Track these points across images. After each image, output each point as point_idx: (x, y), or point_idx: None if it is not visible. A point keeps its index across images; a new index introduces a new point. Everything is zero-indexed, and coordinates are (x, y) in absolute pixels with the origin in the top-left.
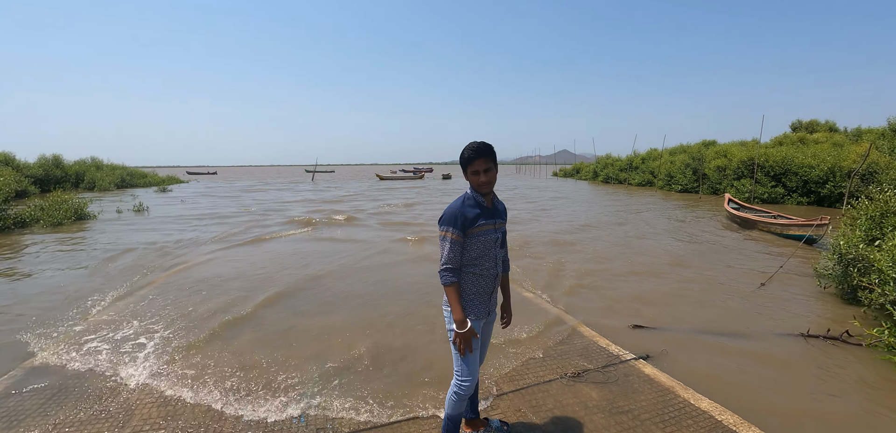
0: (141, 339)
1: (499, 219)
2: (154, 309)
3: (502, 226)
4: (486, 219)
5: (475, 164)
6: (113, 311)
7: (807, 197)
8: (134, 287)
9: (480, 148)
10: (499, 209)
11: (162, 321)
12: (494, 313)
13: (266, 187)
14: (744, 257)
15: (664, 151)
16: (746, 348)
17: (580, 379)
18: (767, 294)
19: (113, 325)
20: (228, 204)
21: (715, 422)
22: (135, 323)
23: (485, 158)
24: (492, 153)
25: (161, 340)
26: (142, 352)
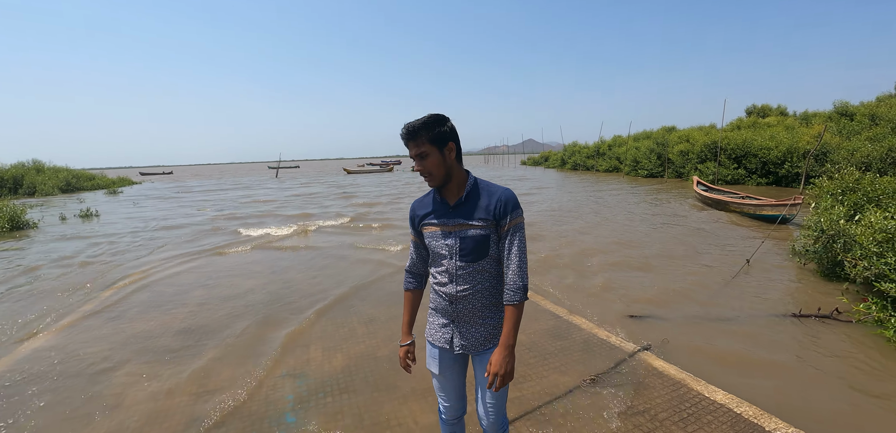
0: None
1: (458, 219)
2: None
3: (463, 228)
4: (436, 217)
5: (409, 150)
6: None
7: (766, 178)
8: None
9: (406, 130)
10: (471, 203)
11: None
12: (486, 354)
13: (227, 187)
14: (721, 239)
15: (628, 138)
16: (743, 331)
17: (597, 383)
18: (751, 274)
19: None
20: (184, 206)
21: (734, 415)
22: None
23: (414, 142)
24: (422, 133)
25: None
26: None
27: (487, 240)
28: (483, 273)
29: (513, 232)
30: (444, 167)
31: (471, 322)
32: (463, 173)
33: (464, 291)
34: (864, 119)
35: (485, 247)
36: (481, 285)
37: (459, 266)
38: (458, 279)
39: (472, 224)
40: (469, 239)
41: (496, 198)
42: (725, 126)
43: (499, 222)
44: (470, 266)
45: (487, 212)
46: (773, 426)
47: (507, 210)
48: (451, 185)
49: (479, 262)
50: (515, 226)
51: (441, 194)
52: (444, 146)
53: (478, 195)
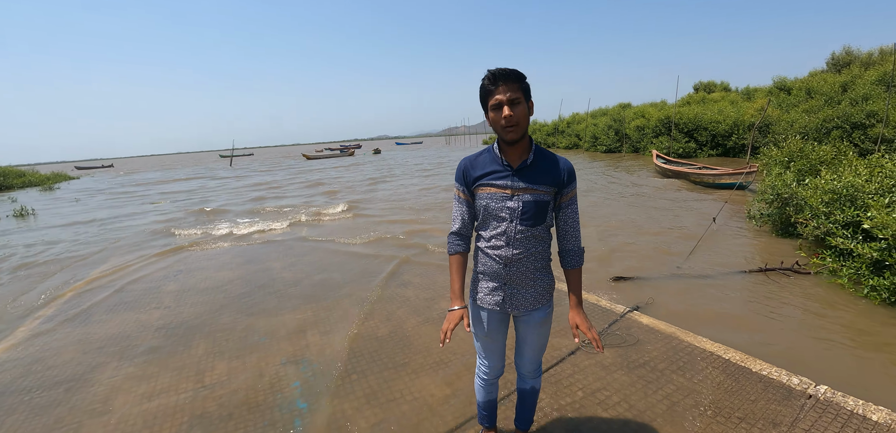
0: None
1: (522, 180)
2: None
3: (527, 192)
4: (499, 178)
5: (495, 94)
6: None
7: (715, 149)
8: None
9: (502, 72)
10: (538, 169)
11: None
12: (541, 311)
13: (178, 178)
14: (684, 205)
15: (587, 115)
16: (718, 286)
17: (591, 344)
18: (716, 236)
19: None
20: (134, 201)
21: (723, 361)
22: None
23: (509, 85)
24: (518, 80)
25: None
26: None
27: (548, 207)
28: (537, 238)
29: (573, 200)
30: (527, 121)
31: (522, 284)
32: (529, 136)
33: (518, 255)
34: (800, 93)
35: (544, 212)
36: (535, 249)
37: (519, 229)
38: (515, 243)
39: (539, 189)
40: (532, 203)
41: (561, 166)
42: (677, 102)
43: (561, 191)
44: (528, 230)
45: (553, 179)
46: (758, 367)
47: (571, 179)
48: (522, 143)
49: (536, 228)
50: (575, 195)
51: (504, 154)
52: (529, 101)
53: (544, 159)
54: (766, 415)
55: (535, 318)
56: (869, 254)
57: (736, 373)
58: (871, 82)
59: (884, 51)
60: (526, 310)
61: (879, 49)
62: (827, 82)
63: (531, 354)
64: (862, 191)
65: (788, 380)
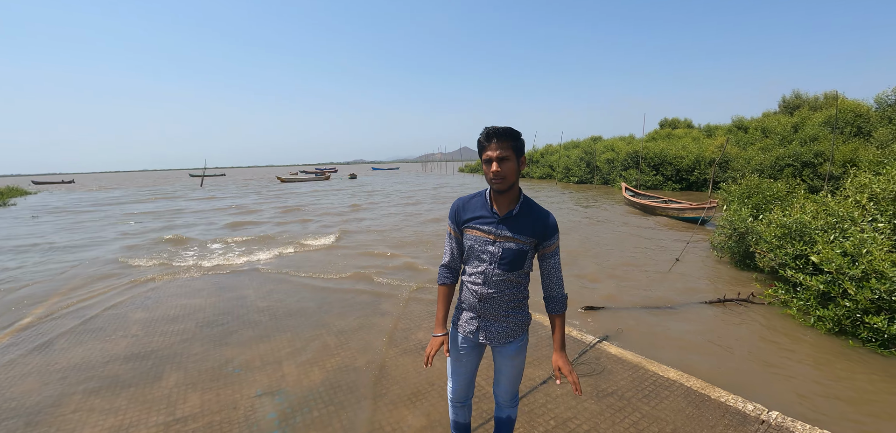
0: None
1: (505, 229)
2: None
3: (509, 242)
4: (485, 223)
5: (487, 149)
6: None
7: (679, 183)
8: None
9: (494, 131)
10: (521, 220)
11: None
12: (514, 345)
13: (145, 198)
14: (651, 237)
15: (559, 146)
16: (682, 317)
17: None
18: (681, 268)
19: None
20: (97, 222)
21: (686, 388)
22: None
23: (500, 143)
24: (510, 138)
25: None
26: None
27: (526, 255)
28: (512, 282)
29: (555, 252)
30: (516, 176)
31: (495, 319)
32: (518, 188)
33: (492, 294)
34: (756, 132)
35: (522, 260)
36: (509, 291)
37: (497, 272)
38: (491, 283)
39: (520, 238)
40: (512, 251)
41: (544, 221)
42: (643, 137)
43: (542, 243)
44: (505, 274)
45: (534, 231)
46: (716, 395)
47: (550, 234)
48: (510, 195)
49: (513, 272)
50: (557, 247)
51: (493, 202)
52: (520, 157)
53: (530, 212)
54: None
55: (508, 351)
56: (816, 286)
57: (697, 401)
58: (818, 124)
59: (827, 95)
60: (499, 343)
61: (824, 94)
62: (780, 123)
63: (506, 385)
64: (809, 227)
65: (744, 407)
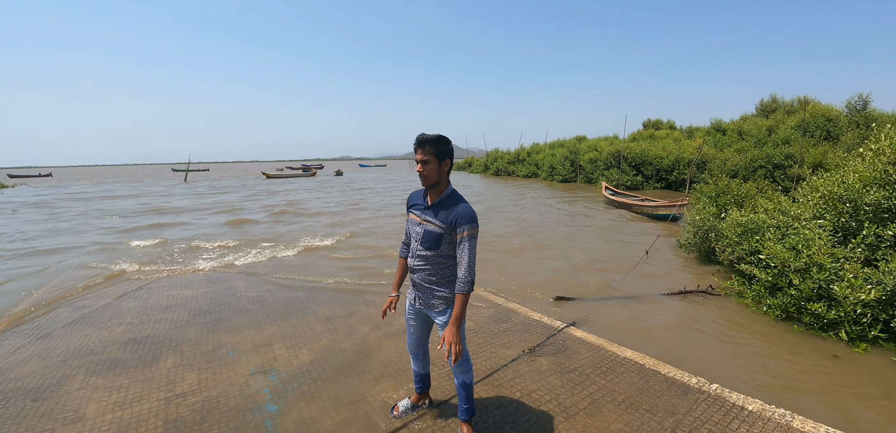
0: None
1: (428, 215)
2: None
3: (428, 224)
4: (418, 209)
5: (416, 154)
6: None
7: (659, 183)
8: None
9: (420, 140)
10: (439, 209)
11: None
12: (444, 315)
13: (126, 192)
14: (625, 234)
15: (545, 146)
16: (644, 306)
17: (535, 352)
18: (650, 262)
19: None
20: (81, 216)
21: (639, 366)
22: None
23: (422, 149)
24: (430, 146)
25: None
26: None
27: (441, 238)
28: (434, 260)
29: (464, 240)
30: (437, 175)
31: (423, 290)
32: (446, 184)
33: (419, 266)
34: (733, 134)
35: (438, 242)
36: (432, 266)
37: (419, 249)
38: (416, 258)
39: (435, 223)
40: (429, 233)
41: (455, 212)
42: (626, 138)
43: (454, 230)
44: (426, 252)
45: (446, 219)
46: (666, 370)
47: (460, 223)
48: (437, 189)
49: (432, 251)
50: (467, 236)
51: (427, 193)
52: (443, 161)
53: (447, 204)
54: (667, 407)
55: (441, 320)
56: (766, 278)
57: (648, 376)
58: (790, 127)
59: (801, 100)
60: (430, 311)
61: (797, 98)
62: (756, 125)
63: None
64: (762, 226)
65: (689, 380)
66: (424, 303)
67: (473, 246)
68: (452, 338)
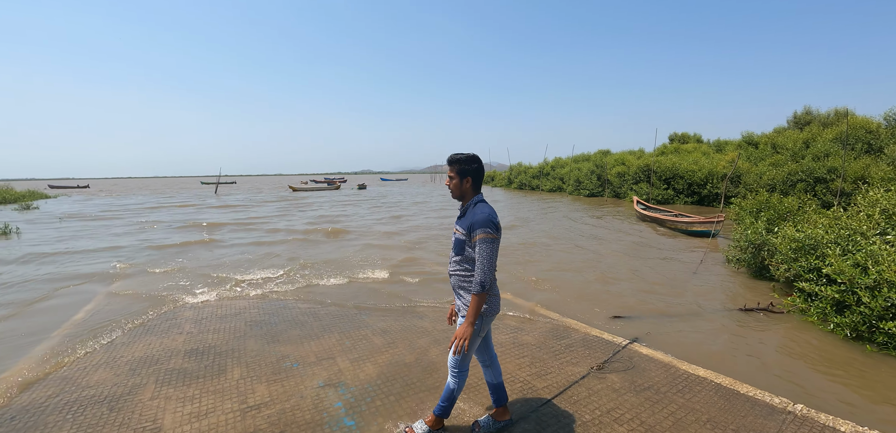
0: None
1: (458, 224)
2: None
3: (456, 232)
4: (456, 219)
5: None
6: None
7: (691, 197)
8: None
9: (449, 159)
10: (463, 218)
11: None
12: (462, 317)
13: (166, 203)
14: (664, 250)
15: (569, 160)
16: (706, 322)
17: (604, 369)
18: (698, 278)
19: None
20: (122, 225)
21: (715, 384)
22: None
23: (450, 166)
24: (455, 165)
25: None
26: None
27: (463, 244)
28: (460, 263)
29: (478, 243)
30: (460, 191)
31: (457, 294)
32: (471, 195)
33: (452, 272)
34: (766, 147)
35: (461, 247)
36: (460, 270)
37: (452, 256)
38: (451, 263)
39: (460, 230)
40: (456, 241)
41: (472, 218)
42: (654, 151)
43: (470, 235)
44: (455, 256)
45: (467, 225)
46: (745, 390)
47: (475, 227)
48: (464, 201)
49: (458, 257)
50: (480, 239)
51: (461, 205)
52: (465, 178)
53: (470, 211)
54: (754, 427)
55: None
56: (831, 295)
57: (727, 395)
58: (829, 140)
59: (838, 112)
60: (460, 312)
61: (834, 110)
62: (791, 138)
63: (450, 351)
64: (821, 241)
65: (771, 400)
66: (459, 307)
67: (488, 248)
68: (461, 334)
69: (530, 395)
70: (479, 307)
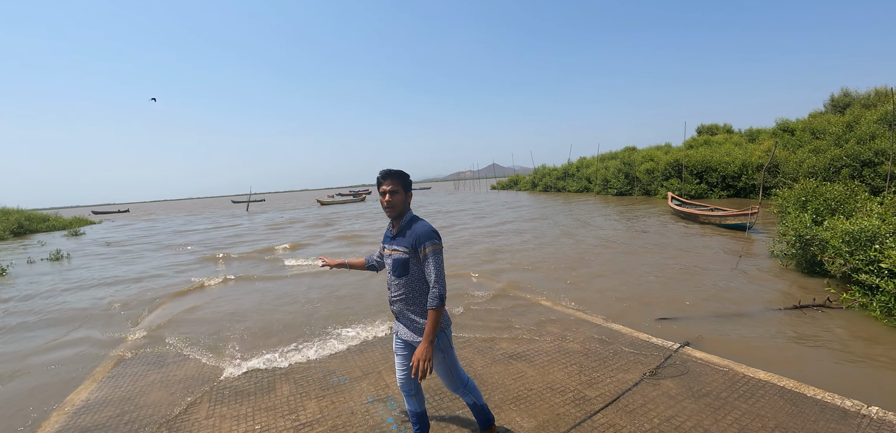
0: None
1: (394, 244)
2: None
3: (395, 253)
4: (385, 241)
5: (382, 186)
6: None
7: (726, 190)
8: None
9: (386, 172)
10: (401, 236)
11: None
12: (416, 341)
13: (202, 224)
14: (702, 247)
15: (594, 159)
16: (758, 323)
17: (657, 375)
18: (742, 275)
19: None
20: (167, 247)
21: (779, 388)
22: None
23: (390, 181)
24: (398, 177)
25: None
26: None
27: (408, 263)
28: (406, 285)
29: (428, 257)
30: (404, 205)
31: (404, 319)
32: (407, 211)
33: (395, 296)
34: (804, 134)
35: (406, 266)
36: (406, 294)
37: (391, 278)
38: (391, 287)
39: (399, 249)
40: (397, 261)
41: (416, 233)
42: (682, 145)
43: (417, 250)
44: (397, 279)
45: (409, 243)
46: (812, 392)
47: (420, 241)
48: (400, 219)
49: (403, 278)
50: (430, 251)
51: (392, 224)
52: (407, 191)
53: (409, 228)
54: (827, 432)
55: (411, 350)
56: (894, 289)
57: (793, 399)
58: (873, 121)
59: (879, 92)
60: (404, 341)
61: (875, 90)
62: (832, 123)
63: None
64: (879, 233)
65: (842, 403)
66: (401, 334)
67: (438, 260)
68: (421, 355)
69: (583, 405)
70: (436, 321)
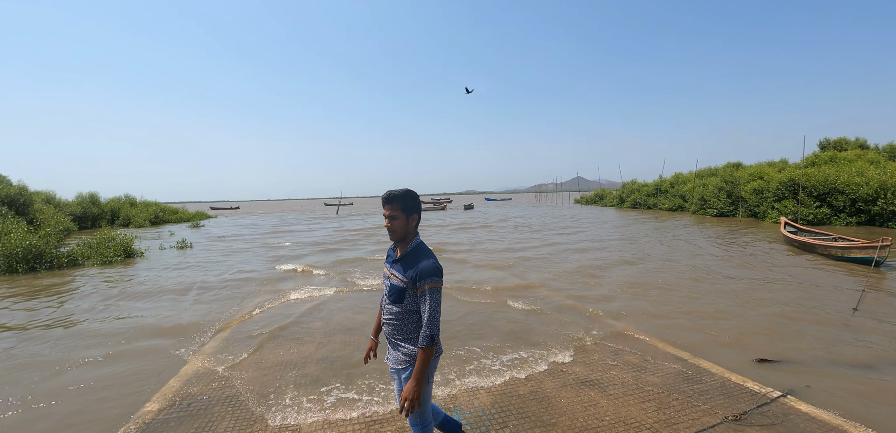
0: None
1: (395, 268)
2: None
3: (393, 278)
4: (388, 262)
5: (383, 210)
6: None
7: (857, 216)
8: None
9: (387, 195)
10: (404, 263)
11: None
12: (407, 371)
13: (298, 223)
14: (821, 282)
15: (691, 175)
16: (885, 378)
17: (742, 421)
18: (867, 318)
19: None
20: (274, 240)
21: None
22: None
23: (390, 205)
24: (398, 202)
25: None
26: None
27: (404, 292)
28: (400, 314)
29: (426, 294)
30: (405, 230)
31: (390, 344)
32: (413, 237)
33: (387, 320)
34: None
35: (402, 296)
36: (399, 322)
37: (386, 302)
38: (385, 311)
39: (398, 277)
40: (393, 287)
41: (418, 266)
42: (801, 162)
43: (416, 284)
44: (392, 305)
45: (409, 275)
46: None
47: (421, 277)
48: (403, 243)
49: (397, 305)
50: (429, 289)
51: (396, 247)
52: (410, 215)
53: (412, 256)
54: None
55: (403, 376)
56: None
57: None
58: None
59: None
60: (394, 368)
61: None
62: None
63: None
64: None
65: None
66: (391, 361)
67: (436, 299)
68: (409, 395)
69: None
70: (427, 361)
